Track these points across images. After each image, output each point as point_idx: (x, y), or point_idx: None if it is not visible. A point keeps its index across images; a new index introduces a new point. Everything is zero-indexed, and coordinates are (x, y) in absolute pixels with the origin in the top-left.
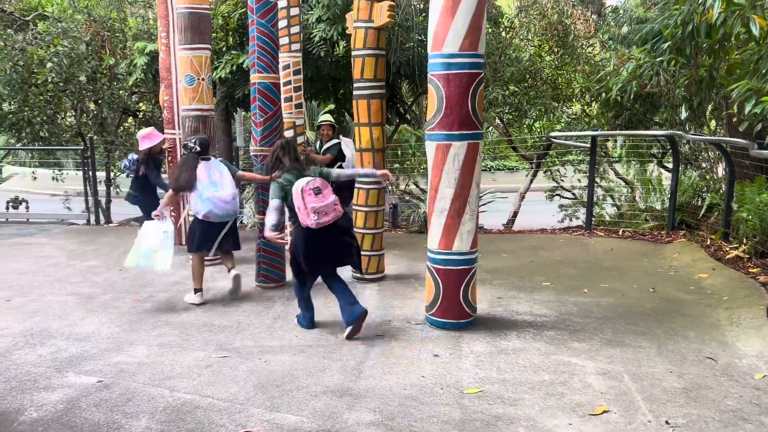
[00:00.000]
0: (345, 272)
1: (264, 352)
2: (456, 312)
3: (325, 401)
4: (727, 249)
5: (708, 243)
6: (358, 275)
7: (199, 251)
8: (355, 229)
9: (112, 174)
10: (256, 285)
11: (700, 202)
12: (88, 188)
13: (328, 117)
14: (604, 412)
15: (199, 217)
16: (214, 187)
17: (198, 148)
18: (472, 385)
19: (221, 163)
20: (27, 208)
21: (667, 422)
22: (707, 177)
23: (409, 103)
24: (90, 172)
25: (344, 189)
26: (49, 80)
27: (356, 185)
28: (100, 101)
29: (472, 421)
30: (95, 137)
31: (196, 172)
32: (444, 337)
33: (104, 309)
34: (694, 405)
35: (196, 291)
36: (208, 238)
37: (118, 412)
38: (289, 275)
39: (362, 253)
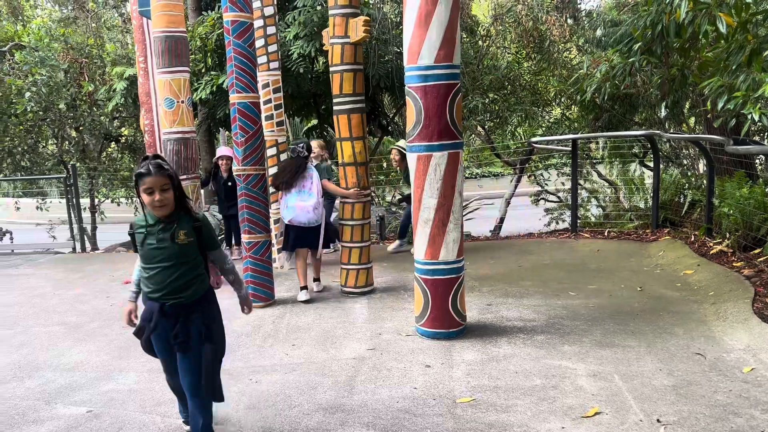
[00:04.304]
0: (335, 285)
1: (255, 372)
2: (445, 321)
3: (317, 419)
4: (711, 244)
5: (692, 239)
6: (347, 289)
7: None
8: (345, 243)
9: (96, 200)
10: None
11: (682, 200)
12: (72, 216)
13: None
14: (596, 413)
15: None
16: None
17: (305, 153)
18: (464, 394)
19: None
20: (11, 239)
21: (658, 420)
22: (688, 174)
23: (391, 115)
24: (74, 200)
25: None
26: (29, 109)
27: (340, 199)
28: (81, 128)
29: (466, 431)
30: (78, 164)
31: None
32: (435, 347)
33: (92, 337)
34: (685, 402)
35: (301, 288)
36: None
37: None
38: (278, 293)
39: (350, 267)
